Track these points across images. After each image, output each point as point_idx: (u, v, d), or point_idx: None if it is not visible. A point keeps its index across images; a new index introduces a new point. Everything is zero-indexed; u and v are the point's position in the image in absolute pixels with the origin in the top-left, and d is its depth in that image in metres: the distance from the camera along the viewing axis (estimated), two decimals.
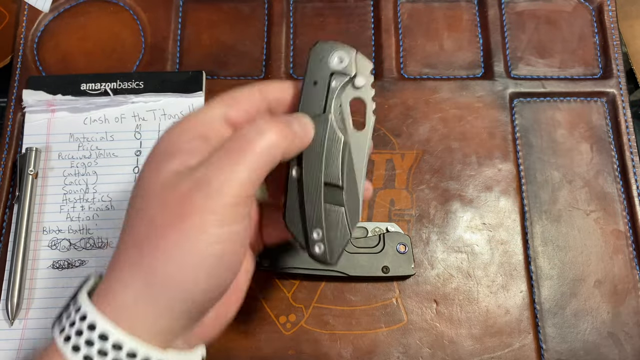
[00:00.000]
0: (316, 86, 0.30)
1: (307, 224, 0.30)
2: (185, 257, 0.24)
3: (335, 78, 0.31)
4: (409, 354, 0.40)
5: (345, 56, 0.31)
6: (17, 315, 0.40)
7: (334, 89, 0.30)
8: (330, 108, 0.30)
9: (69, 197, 0.43)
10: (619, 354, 0.40)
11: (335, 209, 0.30)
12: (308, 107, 0.30)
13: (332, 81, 0.31)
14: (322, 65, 0.31)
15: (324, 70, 0.31)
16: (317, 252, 0.30)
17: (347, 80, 0.31)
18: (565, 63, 0.48)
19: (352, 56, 0.31)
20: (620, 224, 0.43)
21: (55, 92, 0.45)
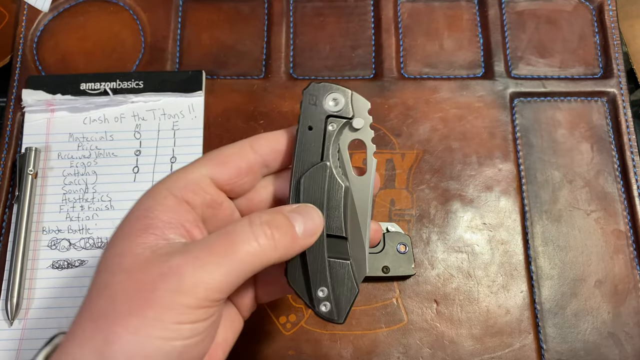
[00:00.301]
0: (312, 131, 0.29)
1: (311, 282, 0.28)
2: (140, 348, 0.23)
3: (331, 122, 0.29)
4: (409, 354, 0.39)
5: (341, 97, 0.29)
6: (16, 315, 0.40)
7: (330, 134, 0.29)
8: (329, 154, 0.29)
9: (69, 197, 0.43)
10: (619, 354, 0.40)
11: (340, 263, 0.29)
12: (304, 155, 0.29)
13: (328, 125, 0.29)
14: (317, 108, 0.29)
15: (319, 113, 0.29)
16: (324, 310, 0.28)
17: (344, 123, 0.29)
18: (565, 63, 0.48)
19: (348, 97, 0.29)
20: (621, 224, 0.43)
21: (54, 92, 0.45)
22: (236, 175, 0.28)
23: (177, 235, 0.25)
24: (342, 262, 0.29)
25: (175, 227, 0.25)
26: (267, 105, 0.46)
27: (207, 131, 0.45)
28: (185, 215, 0.26)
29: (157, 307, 0.23)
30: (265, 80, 0.47)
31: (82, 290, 0.41)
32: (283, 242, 0.26)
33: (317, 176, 0.28)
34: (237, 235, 0.25)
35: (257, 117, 0.46)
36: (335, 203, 0.29)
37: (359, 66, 0.48)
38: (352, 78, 0.47)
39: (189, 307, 0.23)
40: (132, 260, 0.24)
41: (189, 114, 0.46)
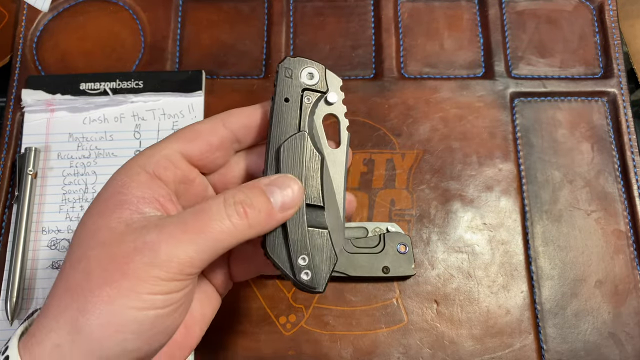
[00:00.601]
0: (288, 103, 0.30)
1: (291, 251, 0.28)
2: (114, 317, 0.23)
3: (307, 94, 0.30)
4: (410, 355, 0.39)
5: (315, 72, 0.30)
6: (16, 315, 0.40)
7: (306, 106, 0.30)
8: (305, 126, 0.29)
9: (68, 197, 0.43)
10: (619, 355, 0.40)
11: (319, 232, 0.29)
12: (281, 126, 0.29)
13: (304, 98, 0.30)
14: (293, 81, 0.30)
15: (295, 86, 0.30)
16: (305, 279, 0.28)
17: (319, 97, 0.30)
18: (566, 62, 0.48)
19: (322, 72, 0.30)
20: (621, 224, 0.43)
21: (54, 92, 0.45)
22: (207, 151, 0.29)
23: (151, 209, 0.26)
24: (320, 231, 0.29)
25: (149, 202, 0.26)
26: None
27: None
28: (159, 190, 0.27)
29: (132, 278, 0.23)
30: (265, 80, 0.47)
31: None
32: (257, 219, 0.26)
33: (295, 145, 0.29)
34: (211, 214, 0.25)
35: None
36: (313, 172, 0.29)
37: (359, 66, 0.48)
38: (352, 78, 0.47)
39: (162, 279, 0.24)
40: (107, 234, 0.25)
41: (189, 114, 0.45)
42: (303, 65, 0.30)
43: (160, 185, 0.27)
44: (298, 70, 0.30)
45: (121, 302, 0.23)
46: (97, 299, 0.23)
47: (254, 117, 0.30)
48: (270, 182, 0.27)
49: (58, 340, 0.24)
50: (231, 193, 0.26)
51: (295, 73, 0.30)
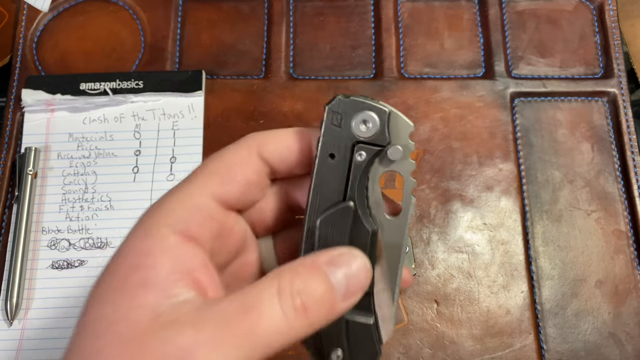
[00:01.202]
0: (334, 160, 0.23)
1: (323, 343, 0.23)
2: None
3: (360, 150, 0.23)
4: (410, 355, 0.39)
5: (375, 118, 0.23)
6: (16, 315, 0.40)
7: (358, 166, 0.23)
8: (354, 192, 0.23)
9: (68, 197, 0.43)
10: (620, 355, 0.40)
11: (361, 321, 0.23)
12: (323, 190, 0.23)
13: (355, 154, 0.23)
14: (342, 131, 0.23)
15: (344, 138, 0.23)
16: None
17: (376, 152, 0.23)
18: (566, 62, 0.48)
19: (384, 117, 0.23)
20: (622, 224, 0.43)
21: (54, 92, 0.45)
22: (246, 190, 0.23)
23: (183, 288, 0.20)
24: (364, 319, 0.24)
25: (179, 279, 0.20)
26: (267, 105, 0.46)
27: (207, 131, 0.45)
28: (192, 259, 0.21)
29: None
30: (265, 80, 0.47)
31: (81, 290, 0.41)
32: (318, 316, 0.21)
33: (337, 221, 0.23)
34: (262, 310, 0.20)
35: (257, 117, 0.46)
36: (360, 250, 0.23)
37: (359, 66, 0.48)
38: (352, 78, 0.47)
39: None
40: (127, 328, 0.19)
41: (189, 113, 0.45)
42: (358, 110, 0.23)
43: (193, 252, 0.21)
44: (350, 116, 0.23)
45: None
46: None
47: (293, 148, 0.24)
48: (331, 260, 0.22)
49: None
50: (287, 280, 0.20)
51: (346, 120, 0.23)
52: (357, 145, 0.23)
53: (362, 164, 0.23)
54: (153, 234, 0.21)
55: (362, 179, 0.23)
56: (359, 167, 0.23)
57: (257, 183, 0.24)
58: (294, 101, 0.46)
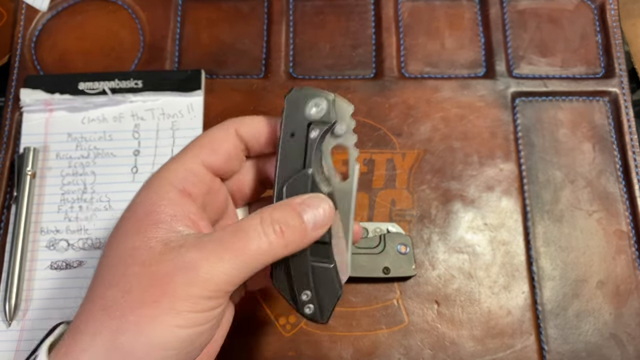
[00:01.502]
0: (293, 138, 0.29)
1: (295, 286, 0.29)
2: (156, 336, 0.24)
3: (313, 128, 0.29)
4: (410, 356, 0.39)
5: (323, 102, 0.29)
6: (15, 316, 0.40)
7: (313, 141, 0.28)
8: (310, 162, 0.28)
9: (67, 197, 0.43)
10: (621, 356, 0.40)
11: (323, 267, 0.29)
12: (287, 162, 0.29)
13: (310, 132, 0.29)
14: (298, 114, 0.29)
15: (301, 120, 0.29)
16: (308, 312, 0.29)
17: (326, 129, 0.29)
18: (567, 62, 0.48)
19: (330, 101, 0.29)
20: (623, 224, 0.43)
21: (53, 92, 0.45)
22: (227, 160, 0.29)
23: (185, 227, 0.26)
24: (325, 265, 0.29)
25: (181, 220, 0.26)
26: (267, 105, 0.46)
27: None
28: (189, 207, 0.27)
29: (172, 297, 0.24)
30: (265, 79, 0.47)
31: (80, 290, 0.41)
32: (293, 238, 0.27)
33: (298, 185, 0.28)
34: (249, 233, 0.26)
35: None
36: None
37: (359, 65, 0.47)
38: (353, 77, 0.47)
39: (202, 297, 0.24)
40: (145, 253, 0.25)
41: (188, 113, 0.45)
42: (309, 97, 0.29)
43: (190, 202, 0.28)
44: (304, 102, 0.29)
45: (162, 320, 0.24)
46: (138, 319, 0.24)
47: (264, 130, 0.30)
48: (303, 201, 0.28)
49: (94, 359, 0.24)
50: (268, 212, 0.27)
51: (301, 106, 0.29)
52: (311, 125, 0.29)
53: (316, 139, 0.29)
54: (158, 190, 0.27)
55: (316, 151, 0.29)
56: (313, 142, 0.28)
57: (235, 155, 0.30)
58: None
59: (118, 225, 0.27)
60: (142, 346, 0.24)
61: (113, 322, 0.24)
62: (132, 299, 0.24)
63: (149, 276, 0.24)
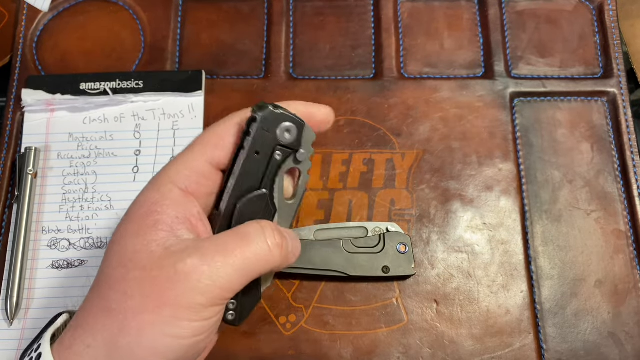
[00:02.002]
0: (258, 156, 0.29)
1: None
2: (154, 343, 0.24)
3: (278, 151, 0.29)
4: (410, 355, 0.39)
5: (294, 128, 0.29)
6: (16, 315, 0.40)
7: (275, 163, 0.29)
8: (268, 183, 0.29)
9: (68, 197, 0.43)
10: (619, 354, 0.40)
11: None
12: (245, 177, 0.29)
13: (275, 154, 0.29)
14: (268, 135, 0.29)
15: (269, 141, 0.29)
16: (230, 319, 0.30)
17: (289, 154, 0.30)
18: (565, 62, 0.48)
19: (300, 128, 0.29)
20: (621, 224, 0.43)
21: (54, 92, 0.45)
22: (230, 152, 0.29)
23: (185, 230, 0.26)
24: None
25: (182, 222, 0.26)
26: None
27: None
28: (191, 209, 0.27)
29: (174, 305, 0.24)
30: (265, 80, 0.47)
31: (81, 290, 0.41)
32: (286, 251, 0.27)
33: (255, 204, 0.29)
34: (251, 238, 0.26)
35: None
36: None
37: (359, 66, 0.48)
38: (352, 78, 0.47)
39: (202, 305, 0.24)
40: (146, 257, 0.25)
41: (189, 113, 0.45)
42: (283, 120, 0.29)
43: (193, 203, 0.27)
44: (277, 125, 0.29)
45: (162, 330, 0.24)
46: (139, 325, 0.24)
47: None
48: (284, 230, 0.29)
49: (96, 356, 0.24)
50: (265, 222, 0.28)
51: (272, 128, 0.29)
52: (277, 147, 0.29)
53: (278, 162, 0.29)
54: (160, 188, 0.27)
55: (275, 172, 0.29)
56: (274, 164, 0.29)
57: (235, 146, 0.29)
58: None
59: (120, 223, 0.27)
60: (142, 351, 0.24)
61: (115, 324, 0.24)
62: (134, 304, 0.24)
63: (149, 281, 0.24)
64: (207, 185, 0.28)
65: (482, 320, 0.40)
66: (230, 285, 0.25)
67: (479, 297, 0.41)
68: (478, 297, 0.41)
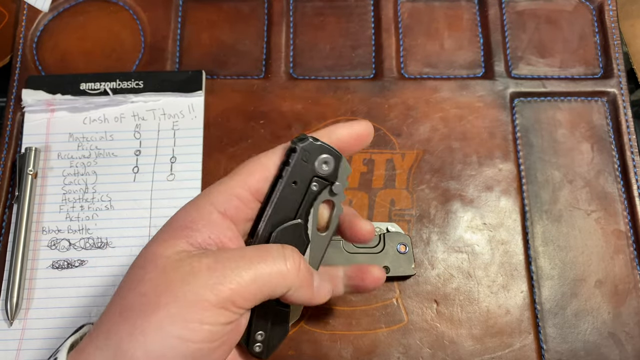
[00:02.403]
0: (295, 186, 0.29)
1: (252, 325, 0.29)
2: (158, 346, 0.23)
3: (316, 182, 0.29)
4: (409, 355, 0.39)
5: (331, 161, 0.29)
6: (16, 315, 0.40)
7: (311, 194, 0.29)
8: (303, 213, 0.29)
9: (69, 197, 0.43)
10: (619, 355, 0.40)
11: (281, 311, 0.30)
12: (281, 206, 0.29)
13: (311, 185, 0.29)
14: (307, 166, 0.29)
15: (307, 172, 0.29)
16: (256, 351, 0.30)
17: (325, 185, 0.30)
18: (565, 63, 0.48)
19: (337, 161, 0.30)
20: (621, 224, 0.43)
21: (54, 92, 0.45)
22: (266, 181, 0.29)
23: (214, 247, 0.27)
24: (283, 310, 0.30)
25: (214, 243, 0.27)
26: (267, 105, 0.46)
27: (207, 131, 0.45)
28: (227, 232, 0.27)
29: (181, 302, 0.24)
30: (265, 80, 0.47)
31: (82, 290, 0.41)
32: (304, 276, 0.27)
33: (290, 233, 0.29)
34: (271, 252, 0.26)
35: (257, 117, 0.46)
36: None
37: (359, 66, 0.48)
38: (352, 78, 0.47)
39: (211, 304, 0.24)
40: (166, 260, 0.25)
41: (189, 114, 0.45)
42: (321, 152, 0.29)
43: (229, 227, 0.28)
44: (316, 156, 0.29)
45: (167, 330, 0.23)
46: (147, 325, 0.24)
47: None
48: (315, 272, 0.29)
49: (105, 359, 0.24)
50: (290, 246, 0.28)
51: (311, 159, 0.29)
52: (314, 178, 0.29)
53: (315, 193, 0.30)
54: (200, 209, 0.27)
55: (310, 203, 0.30)
56: (311, 194, 0.29)
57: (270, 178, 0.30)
58: (294, 101, 0.46)
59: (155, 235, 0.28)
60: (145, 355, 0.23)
61: (126, 327, 0.24)
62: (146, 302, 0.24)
63: (164, 281, 0.24)
64: (246, 212, 0.28)
65: (482, 321, 0.40)
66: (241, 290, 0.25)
67: (479, 297, 0.41)
68: (478, 297, 0.41)
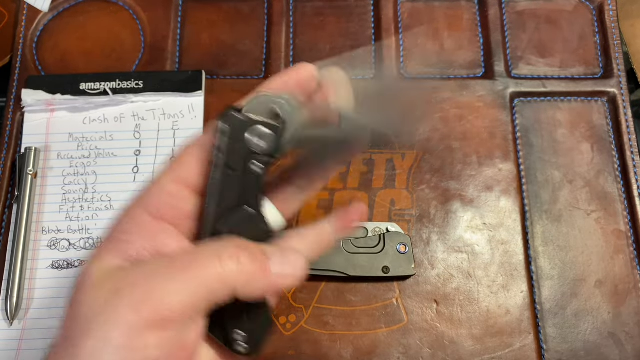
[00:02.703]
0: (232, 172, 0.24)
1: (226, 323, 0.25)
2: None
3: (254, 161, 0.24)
4: (409, 355, 0.39)
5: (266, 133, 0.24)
6: (16, 315, 0.40)
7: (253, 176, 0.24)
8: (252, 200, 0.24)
9: (68, 197, 0.43)
10: (619, 355, 0.40)
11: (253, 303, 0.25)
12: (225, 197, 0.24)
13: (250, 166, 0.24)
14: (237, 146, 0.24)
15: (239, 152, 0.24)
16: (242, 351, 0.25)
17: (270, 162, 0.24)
18: (565, 63, 0.48)
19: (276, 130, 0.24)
20: (621, 224, 0.43)
21: (54, 92, 0.45)
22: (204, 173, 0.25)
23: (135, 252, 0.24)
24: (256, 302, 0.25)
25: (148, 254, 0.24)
26: None
27: None
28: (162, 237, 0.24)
29: (106, 325, 0.21)
30: (265, 80, 0.47)
31: None
32: (249, 268, 0.23)
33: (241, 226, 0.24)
34: (201, 253, 0.23)
35: None
36: None
37: (359, 66, 0.48)
38: (352, 78, 0.47)
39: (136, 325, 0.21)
40: (95, 279, 0.22)
41: (189, 113, 0.45)
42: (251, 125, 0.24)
43: (165, 230, 0.24)
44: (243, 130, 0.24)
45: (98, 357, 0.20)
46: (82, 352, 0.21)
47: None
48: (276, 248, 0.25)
49: None
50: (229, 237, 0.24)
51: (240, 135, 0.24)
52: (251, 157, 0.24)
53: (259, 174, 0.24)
54: (133, 216, 0.25)
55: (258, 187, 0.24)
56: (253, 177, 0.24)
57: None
58: None
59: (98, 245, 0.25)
60: None
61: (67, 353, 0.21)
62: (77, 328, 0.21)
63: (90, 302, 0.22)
64: (185, 209, 0.25)
65: (482, 321, 0.40)
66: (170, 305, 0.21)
67: (479, 297, 0.41)
68: (478, 297, 0.41)
